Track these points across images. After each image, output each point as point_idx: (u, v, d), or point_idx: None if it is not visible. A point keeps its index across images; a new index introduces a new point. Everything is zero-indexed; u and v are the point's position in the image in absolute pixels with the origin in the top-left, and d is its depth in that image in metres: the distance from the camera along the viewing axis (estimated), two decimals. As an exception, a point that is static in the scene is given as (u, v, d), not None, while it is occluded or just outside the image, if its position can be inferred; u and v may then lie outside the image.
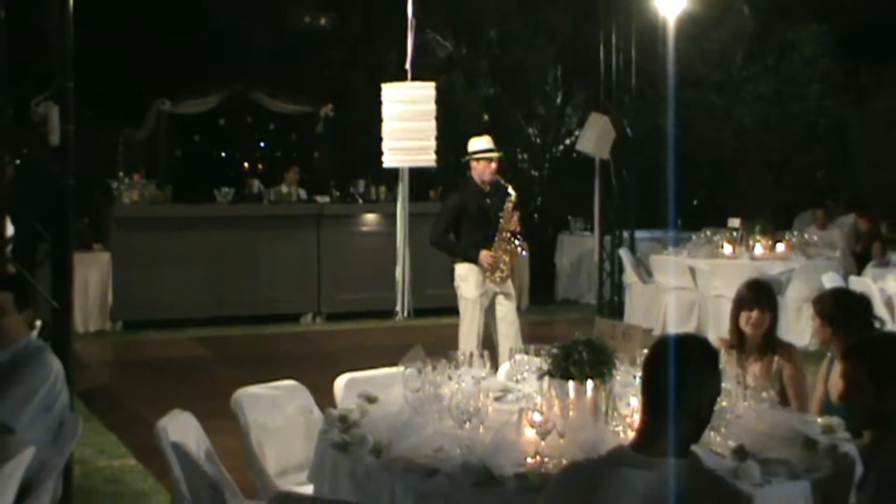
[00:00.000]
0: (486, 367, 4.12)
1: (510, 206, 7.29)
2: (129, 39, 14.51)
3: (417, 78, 5.83)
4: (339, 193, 12.50)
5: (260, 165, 20.64)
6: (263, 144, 21.50)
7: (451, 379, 3.88)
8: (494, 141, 7.52)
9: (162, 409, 3.88)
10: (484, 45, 14.94)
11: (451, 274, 7.45)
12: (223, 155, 21.23)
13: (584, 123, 12.12)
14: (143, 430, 5.18)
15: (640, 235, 12.27)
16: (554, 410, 3.48)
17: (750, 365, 4.48)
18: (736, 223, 10.74)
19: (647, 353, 2.84)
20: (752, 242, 10.47)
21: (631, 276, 11.36)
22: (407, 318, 7.14)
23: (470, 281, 7.31)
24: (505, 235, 7.27)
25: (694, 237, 11.10)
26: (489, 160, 7.35)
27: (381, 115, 6.04)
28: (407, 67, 6.22)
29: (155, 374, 9.02)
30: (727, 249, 10.40)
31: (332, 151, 15.13)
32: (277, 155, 20.64)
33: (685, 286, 10.46)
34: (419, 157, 5.40)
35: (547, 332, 10.00)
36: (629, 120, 11.83)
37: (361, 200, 12.33)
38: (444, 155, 6.24)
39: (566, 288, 13.61)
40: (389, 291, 7.16)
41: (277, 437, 4.25)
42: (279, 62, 15.25)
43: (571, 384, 3.58)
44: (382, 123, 5.92)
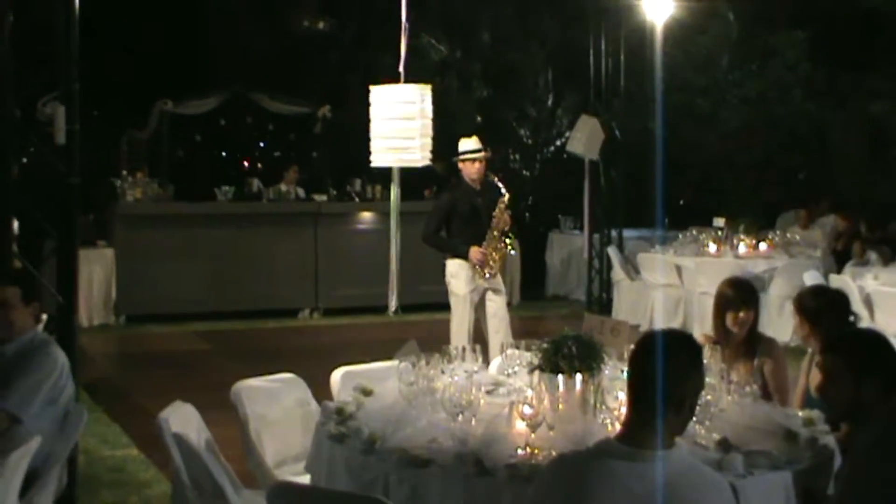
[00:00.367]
0: (478, 361, 4.14)
1: (502, 205, 7.36)
2: (133, 43, 14.67)
3: (412, 81, 5.85)
4: (336, 192, 12.53)
5: (259, 165, 20.58)
6: (263, 144, 21.47)
7: (444, 373, 3.89)
8: (487, 142, 7.59)
9: (164, 400, 3.93)
10: (477, 48, 14.95)
11: (443, 270, 7.51)
12: (224, 154, 21.21)
13: (574, 125, 12.22)
14: (145, 420, 5.30)
15: (627, 234, 12.33)
16: (544, 403, 3.47)
17: (734, 360, 4.47)
18: (721, 222, 10.70)
19: (633, 348, 2.85)
20: (736, 241, 10.44)
21: (619, 273, 11.40)
22: (395, 313, 7.13)
23: (460, 277, 7.39)
24: (495, 234, 7.35)
25: (680, 236, 11.11)
26: (474, 160, 7.43)
27: (375, 116, 6.10)
28: (400, 70, 6.41)
29: (157, 366, 9.06)
30: (712, 248, 10.36)
31: (329, 151, 15.08)
32: (276, 154, 20.59)
33: (671, 283, 10.48)
34: (404, 156, 5.42)
35: (537, 327, 10.00)
36: (618, 122, 11.98)
37: (358, 199, 12.38)
38: (440, 155, 6.36)
39: (556, 284, 13.63)
40: (385, 287, 7.13)
41: (276, 428, 4.27)
42: (279, 65, 15.27)
43: (561, 378, 3.61)
44: (370, 124, 5.88)
